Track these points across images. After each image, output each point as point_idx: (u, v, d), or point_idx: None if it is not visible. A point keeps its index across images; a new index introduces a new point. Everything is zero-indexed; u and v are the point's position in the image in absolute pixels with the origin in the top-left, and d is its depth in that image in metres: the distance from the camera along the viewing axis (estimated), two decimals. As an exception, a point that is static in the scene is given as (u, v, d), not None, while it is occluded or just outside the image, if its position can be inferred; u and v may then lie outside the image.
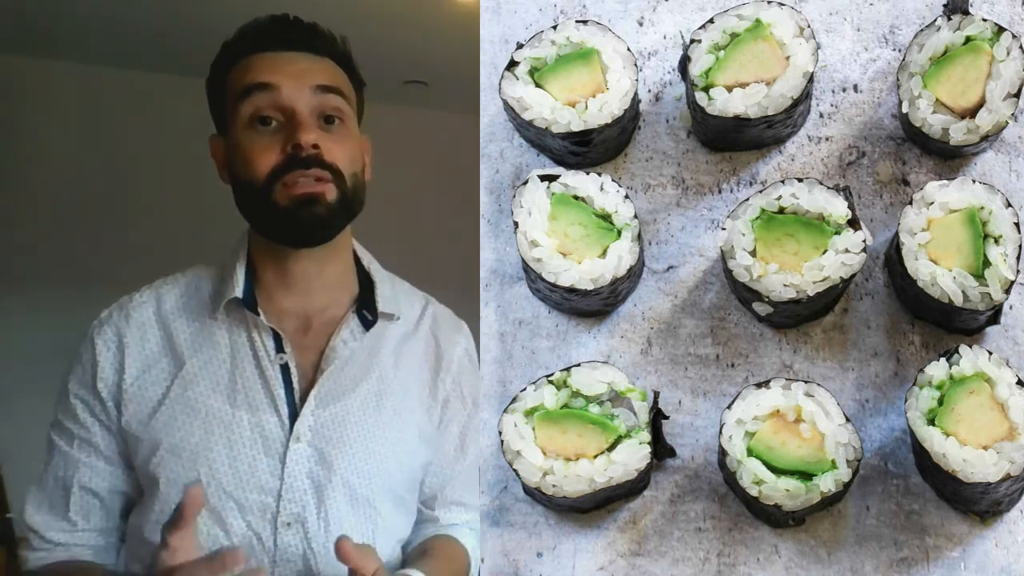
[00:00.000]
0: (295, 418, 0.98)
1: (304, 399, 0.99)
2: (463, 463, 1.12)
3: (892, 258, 0.82)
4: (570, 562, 0.83)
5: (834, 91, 0.88)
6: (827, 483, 0.76)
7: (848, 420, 0.77)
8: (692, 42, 0.83)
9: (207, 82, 1.04)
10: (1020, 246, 0.77)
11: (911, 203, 0.79)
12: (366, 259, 1.11)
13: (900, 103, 0.83)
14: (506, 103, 0.85)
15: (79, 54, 3.37)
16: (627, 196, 0.83)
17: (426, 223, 3.73)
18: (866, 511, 0.82)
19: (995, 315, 0.82)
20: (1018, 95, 0.80)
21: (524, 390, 0.81)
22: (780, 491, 0.76)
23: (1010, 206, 0.78)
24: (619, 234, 0.82)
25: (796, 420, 0.78)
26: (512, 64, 0.85)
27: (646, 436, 0.79)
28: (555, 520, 0.84)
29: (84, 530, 0.98)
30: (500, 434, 0.79)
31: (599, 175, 0.83)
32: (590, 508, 0.83)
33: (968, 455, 0.75)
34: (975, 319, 0.81)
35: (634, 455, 0.79)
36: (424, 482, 1.10)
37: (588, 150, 0.86)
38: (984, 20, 0.81)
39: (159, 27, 3.11)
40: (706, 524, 0.83)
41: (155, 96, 3.45)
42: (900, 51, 0.86)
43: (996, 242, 0.78)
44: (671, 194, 0.88)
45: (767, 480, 0.77)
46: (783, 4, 0.82)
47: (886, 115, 0.87)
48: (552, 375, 0.81)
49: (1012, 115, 0.80)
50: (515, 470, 0.79)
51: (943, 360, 0.77)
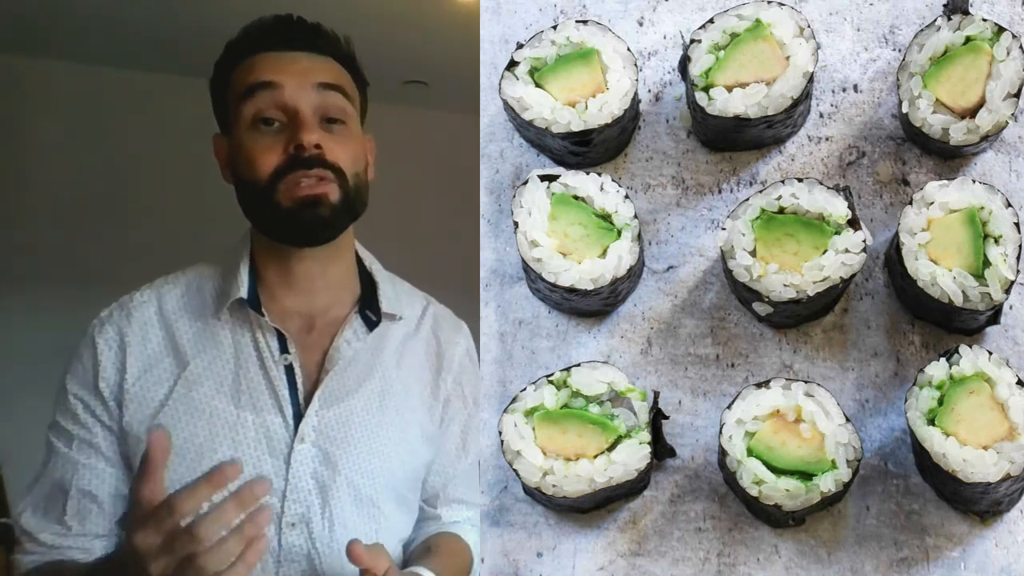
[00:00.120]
0: (299, 419, 0.98)
1: (308, 399, 0.99)
2: (464, 462, 1.12)
3: (892, 258, 0.82)
4: (570, 562, 0.83)
5: (834, 91, 0.88)
6: (827, 483, 0.76)
7: (848, 420, 0.77)
8: (692, 42, 0.83)
9: (211, 82, 1.04)
10: (1020, 246, 0.77)
11: (911, 203, 0.79)
12: (367, 259, 1.11)
13: (900, 103, 0.83)
14: (506, 103, 0.85)
15: (79, 54, 3.37)
16: (627, 196, 0.83)
17: (426, 223, 3.73)
18: (866, 511, 0.82)
19: (995, 315, 0.82)
20: (1018, 95, 0.80)
21: (524, 390, 0.81)
22: (780, 491, 0.76)
23: (1010, 206, 0.78)
24: (619, 234, 0.82)
25: (796, 420, 0.78)
26: (512, 64, 0.85)
27: (646, 436, 0.79)
28: (555, 520, 0.84)
29: (80, 534, 0.96)
30: (500, 434, 0.79)
31: (599, 175, 0.83)
32: (590, 508, 0.83)
33: (968, 455, 0.75)
34: (975, 319, 0.81)
35: (634, 455, 0.78)
36: (426, 481, 1.10)
37: (588, 150, 0.86)
38: (984, 20, 0.81)
39: (159, 27, 3.11)
40: (706, 524, 0.83)
41: (155, 96, 3.45)
42: (900, 51, 0.86)
43: (996, 242, 0.78)
44: (671, 194, 0.88)
45: (767, 480, 0.77)
46: (783, 4, 0.82)
47: (886, 115, 0.87)
48: (552, 375, 0.81)
49: (1012, 115, 0.80)
50: (515, 470, 0.79)
51: (943, 360, 0.77)
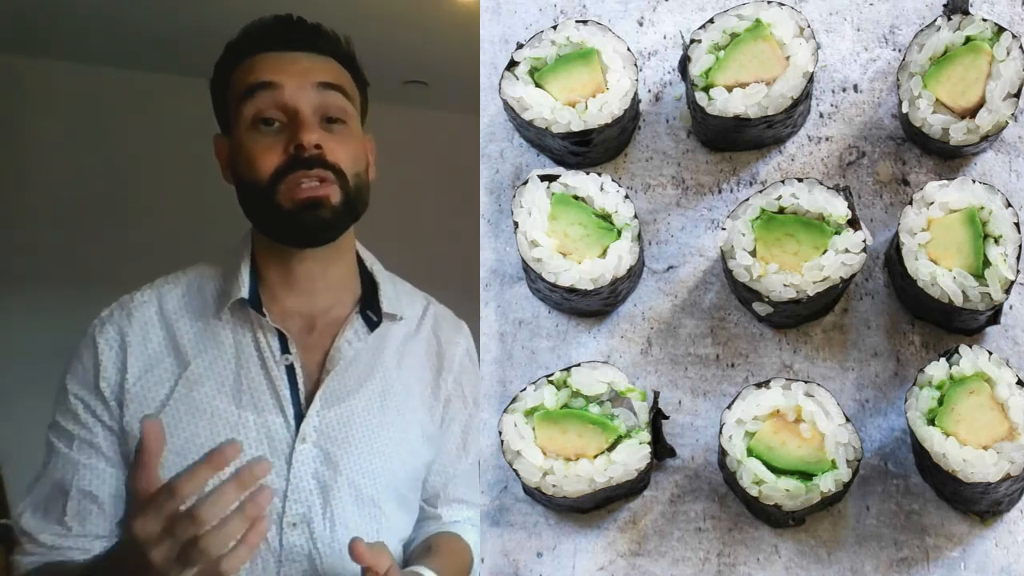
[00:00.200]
0: (300, 419, 0.98)
1: (309, 400, 0.99)
2: (465, 461, 1.12)
3: (892, 258, 0.82)
4: (570, 562, 0.83)
5: (834, 91, 0.88)
6: (827, 483, 0.76)
7: (848, 420, 0.77)
8: (692, 42, 0.83)
9: (211, 82, 1.04)
10: (1020, 246, 0.77)
11: (911, 203, 0.79)
12: (368, 260, 1.11)
13: (900, 103, 0.83)
14: (506, 103, 0.84)
15: (79, 54, 3.37)
16: (627, 196, 0.83)
17: (426, 223, 3.73)
18: (866, 511, 0.82)
19: (995, 315, 0.82)
20: (1018, 95, 0.80)
21: (524, 390, 0.81)
22: (780, 491, 0.76)
23: (1010, 206, 0.78)
24: (619, 234, 0.82)
25: (796, 420, 0.78)
26: (512, 64, 0.85)
27: (646, 436, 0.79)
28: (555, 520, 0.84)
29: (80, 535, 0.96)
30: (500, 434, 0.79)
31: (599, 175, 0.83)
32: (590, 508, 0.83)
33: (968, 455, 0.75)
34: (975, 319, 0.81)
35: (634, 455, 0.78)
36: (427, 480, 1.10)
37: (588, 150, 0.86)
38: (984, 20, 0.81)
39: (159, 27, 3.11)
40: (706, 524, 0.83)
41: (155, 96, 3.45)
42: (900, 51, 0.86)
43: (996, 242, 0.78)
44: (671, 194, 0.88)
45: (767, 480, 0.77)
46: (783, 4, 0.82)
47: (886, 115, 0.87)
48: (552, 375, 0.81)
49: (1012, 115, 0.80)
50: (515, 470, 0.79)
51: (943, 360, 0.77)
